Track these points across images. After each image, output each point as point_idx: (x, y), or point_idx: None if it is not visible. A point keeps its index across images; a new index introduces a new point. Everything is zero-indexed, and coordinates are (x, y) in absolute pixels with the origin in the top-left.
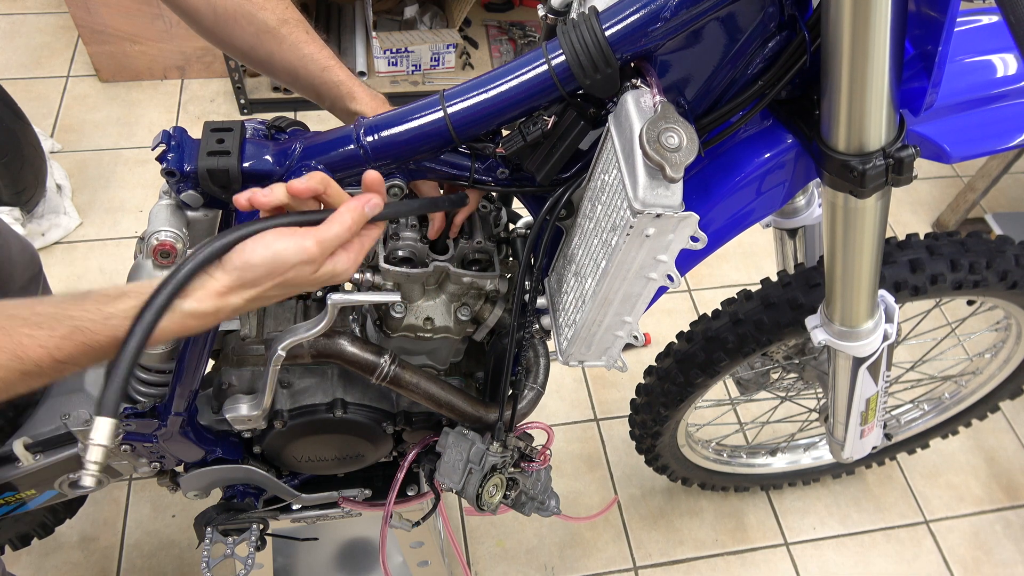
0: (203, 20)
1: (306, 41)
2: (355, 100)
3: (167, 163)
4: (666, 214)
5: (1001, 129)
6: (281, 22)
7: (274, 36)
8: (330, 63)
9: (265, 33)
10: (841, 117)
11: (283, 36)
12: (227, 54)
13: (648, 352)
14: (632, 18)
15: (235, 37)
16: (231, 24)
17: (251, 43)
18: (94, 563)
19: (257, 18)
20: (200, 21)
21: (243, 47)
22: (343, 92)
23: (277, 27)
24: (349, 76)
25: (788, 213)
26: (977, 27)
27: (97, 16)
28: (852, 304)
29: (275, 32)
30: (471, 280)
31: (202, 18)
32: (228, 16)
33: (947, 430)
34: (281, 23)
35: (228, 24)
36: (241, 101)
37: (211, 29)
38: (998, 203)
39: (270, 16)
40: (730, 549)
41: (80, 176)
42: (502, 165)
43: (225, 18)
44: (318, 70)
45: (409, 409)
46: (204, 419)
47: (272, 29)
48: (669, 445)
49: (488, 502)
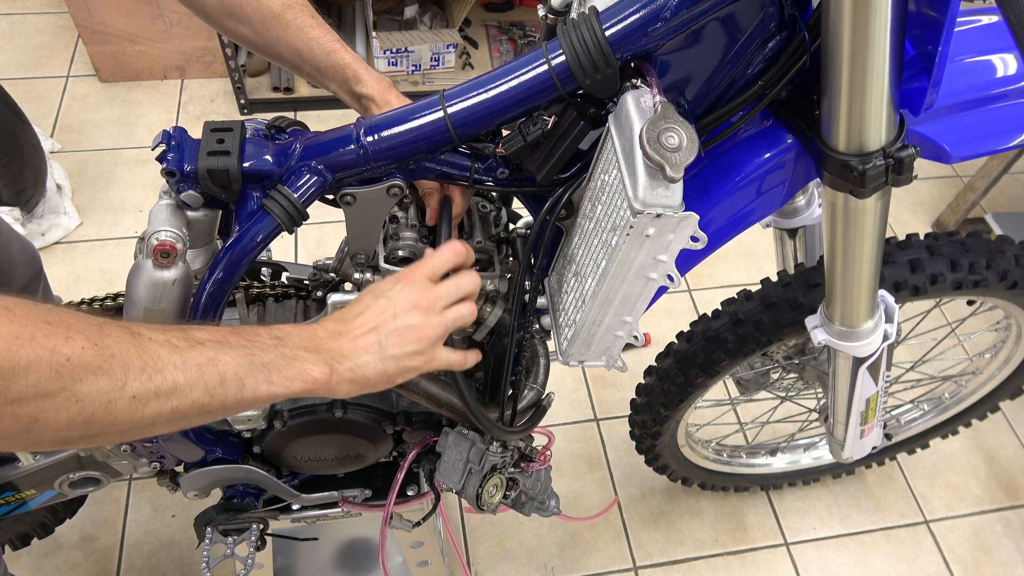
0: (209, 9)
1: (311, 25)
2: (360, 83)
3: (167, 163)
4: (666, 214)
5: (1001, 129)
6: (286, 7)
7: (279, 21)
8: (335, 46)
9: (271, 19)
10: (841, 117)
11: (288, 21)
12: (234, 41)
13: (648, 352)
14: (632, 18)
15: (241, 24)
16: (236, 11)
17: (257, 29)
18: (94, 563)
19: (262, 4)
20: (206, 10)
21: (249, 34)
22: (348, 75)
23: (282, 12)
24: (355, 59)
25: (788, 213)
26: (977, 27)
27: (97, 16)
28: (852, 304)
29: (280, 17)
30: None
31: (208, 7)
32: (234, 3)
33: (947, 430)
34: (286, 8)
35: (234, 11)
36: (241, 101)
37: (217, 18)
38: (998, 203)
39: (275, 2)
40: (730, 549)
41: (80, 176)
42: (502, 165)
43: (231, 6)
44: (323, 53)
45: (409, 409)
46: None
47: (277, 15)
48: (669, 445)
49: (488, 502)
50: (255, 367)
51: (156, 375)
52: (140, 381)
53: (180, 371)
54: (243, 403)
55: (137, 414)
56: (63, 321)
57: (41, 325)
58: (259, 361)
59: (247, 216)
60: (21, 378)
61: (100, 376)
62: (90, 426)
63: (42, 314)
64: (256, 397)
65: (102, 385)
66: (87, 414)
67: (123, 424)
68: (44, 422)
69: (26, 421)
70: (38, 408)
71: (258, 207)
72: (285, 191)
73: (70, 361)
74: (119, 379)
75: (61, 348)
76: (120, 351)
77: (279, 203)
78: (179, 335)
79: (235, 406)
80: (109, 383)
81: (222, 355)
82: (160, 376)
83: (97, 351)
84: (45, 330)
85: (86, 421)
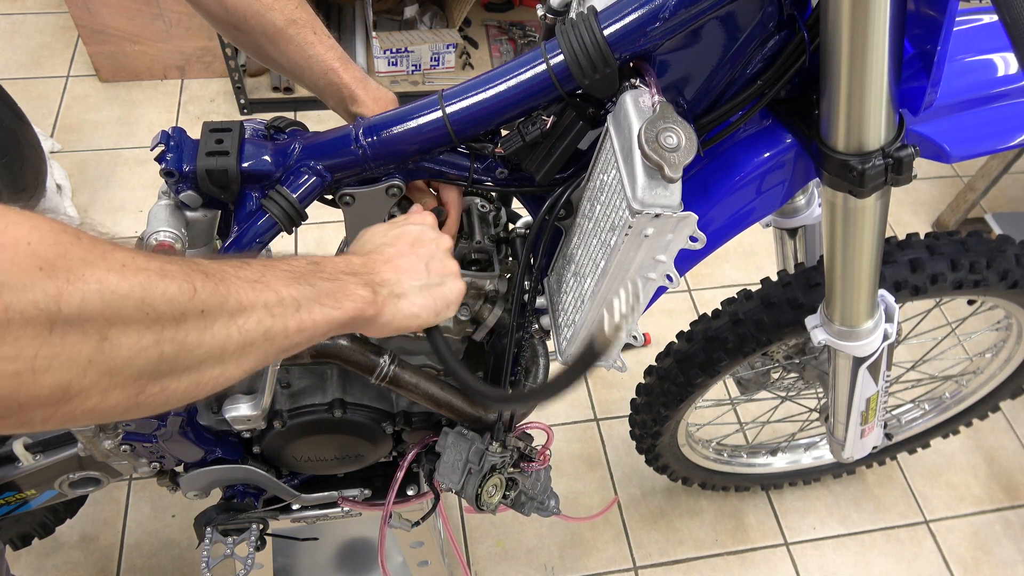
0: (216, 16)
1: (312, 43)
2: (356, 103)
3: (166, 163)
4: (665, 214)
5: (1001, 129)
6: (289, 22)
7: (282, 36)
8: (334, 65)
9: (273, 33)
10: (840, 117)
11: (290, 37)
12: (240, 49)
13: (648, 352)
14: (631, 18)
15: (244, 35)
16: (240, 23)
17: (258, 42)
18: (94, 563)
19: (265, 18)
20: (212, 16)
21: (252, 45)
22: (344, 95)
23: (284, 27)
24: (354, 78)
25: (788, 213)
26: (977, 26)
27: (97, 16)
28: (852, 304)
29: (283, 32)
30: (470, 280)
31: (214, 14)
32: (238, 15)
33: (947, 430)
34: (289, 23)
35: (237, 23)
36: (241, 101)
37: (222, 26)
38: (998, 203)
39: (278, 16)
40: (730, 549)
41: (80, 176)
42: (501, 165)
43: (236, 16)
44: (321, 72)
45: (408, 409)
46: (204, 419)
47: (280, 29)
48: (669, 445)
49: (487, 502)
50: (303, 289)
51: (221, 285)
52: (207, 291)
53: (240, 286)
54: (302, 328)
55: (207, 335)
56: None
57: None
58: (305, 283)
59: (246, 216)
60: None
61: (170, 283)
62: (162, 353)
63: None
64: (314, 322)
65: (172, 291)
66: (158, 332)
67: (195, 352)
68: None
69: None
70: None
71: (257, 207)
72: (284, 191)
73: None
74: (187, 288)
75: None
76: (180, 268)
77: (278, 203)
78: (222, 261)
79: (296, 332)
80: (178, 289)
81: (267, 276)
82: (225, 287)
83: (161, 266)
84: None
85: (157, 341)
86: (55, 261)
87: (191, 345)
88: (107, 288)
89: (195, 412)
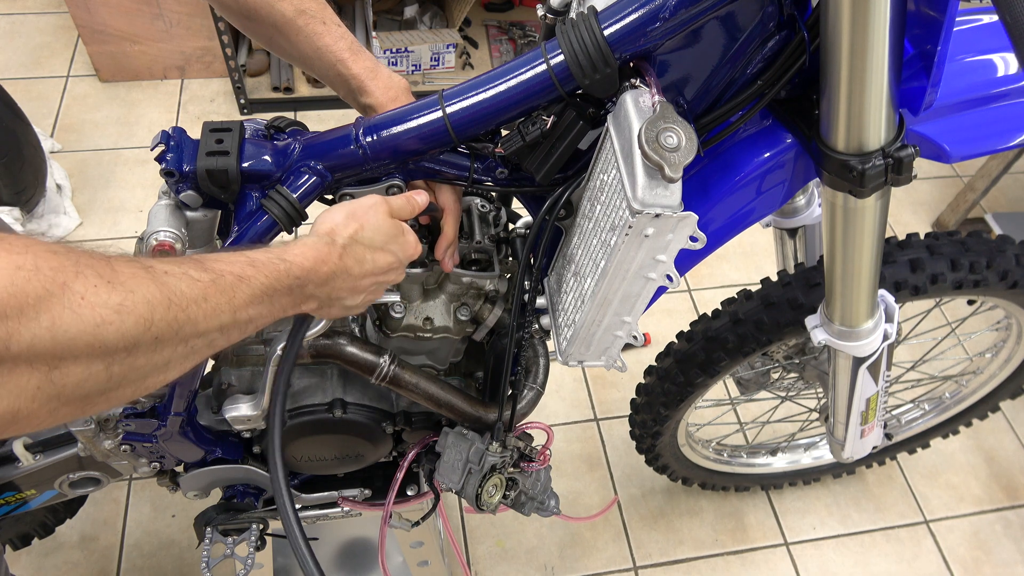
0: (227, 6)
1: (321, 33)
2: (365, 94)
3: (166, 163)
4: (665, 214)
5: (1001, 129)
6: (298, 13)
7: (291, 27)
8: (343, 56)
9: (283, 24)
10: (840, 117)
11: (299, 27)
12: (254, 40)
13: (648, 352)
14: (631, 18)
15: (255, 25)
16: (251, 13)
17: (268, 33)
18: (94, 563)
19: (275, 9)
20: (226, 8)
21: (264, 36)
22: (353, 87)
23: (294, 18)
24: (365, 68)
25: (788, 213)
26: (977, 26)
27: (97, 16)
28: (852, 304)
29: (292, 23)
30: (470, 280)
31: (226, 5)
32: (248, 5)
33: (947, 430)
34: (298, 14)
35: (248, 13)
36: (241, 101)
37: (234, 17)
38: (998, 203)
39: (287, 7)
40: (730, 549)
41: (80, 176)
42: (501, 165)
43: (246, 6)
44: (331, 63)
45: (409, 409)
46: (204, 419)
47: (289, 20)
48: (669, 445)
49: (487, 502)
50: (261, 308)
51: (181, 314)
52: (165, 323)
53: (200, 312)
54: (245, 337)
55: (156, 356)
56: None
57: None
58: (267, 302)
59: (246, 216)
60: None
61: (126, 318)
62: (111, 375)
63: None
64: (255, 328)
65: (127, 326)
66: (108, 361)
67: (142, 369)
68: None
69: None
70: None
71: (257, 207)
72: (284, 191)
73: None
74: (143, 322)
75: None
76: (143, 298)
77: (278, 203)
78: (195, 276)
79: (238, 340)
80: (134, 324)
81: (236, 295)
82: (184, 314)
83: (121, 301)
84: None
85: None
86: (7, 302)
87: (139, 364)
88: (59, 328)
89: (195, 412)
